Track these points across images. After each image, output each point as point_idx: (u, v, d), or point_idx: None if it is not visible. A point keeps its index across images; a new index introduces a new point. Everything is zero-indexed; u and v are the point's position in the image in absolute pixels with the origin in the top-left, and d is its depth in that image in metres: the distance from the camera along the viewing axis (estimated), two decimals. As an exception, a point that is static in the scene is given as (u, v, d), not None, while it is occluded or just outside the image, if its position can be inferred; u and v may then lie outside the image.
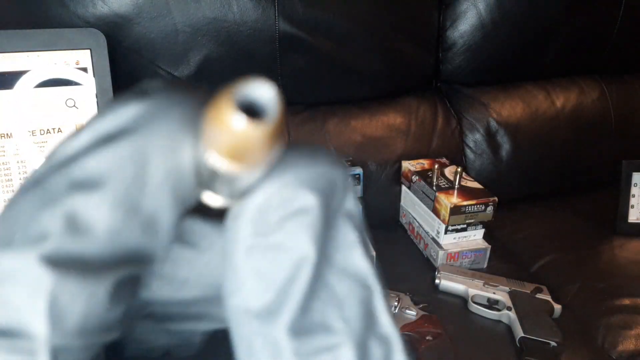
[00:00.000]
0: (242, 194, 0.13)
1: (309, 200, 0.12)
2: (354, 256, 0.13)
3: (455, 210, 0.87)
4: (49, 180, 0.12)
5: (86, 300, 0.12)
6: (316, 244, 0.12)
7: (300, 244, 0.12)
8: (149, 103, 0.13)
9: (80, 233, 0.12)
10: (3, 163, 0.78)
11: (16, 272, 0.11)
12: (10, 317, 0.11)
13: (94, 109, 0.81)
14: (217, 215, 0.14)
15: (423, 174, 0.97)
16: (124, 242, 0.12)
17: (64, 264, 0.11)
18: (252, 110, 0.12)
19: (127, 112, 0.12)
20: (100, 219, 0.12)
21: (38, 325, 0.11)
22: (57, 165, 0.12)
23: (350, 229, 0.13)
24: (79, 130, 0.13)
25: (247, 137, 0.11)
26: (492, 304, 0.82)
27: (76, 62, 0.79)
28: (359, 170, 0.95)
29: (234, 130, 0.11)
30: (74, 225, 0.12)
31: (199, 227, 0.15)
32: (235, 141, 0.12)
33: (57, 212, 0.12)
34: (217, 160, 0.12)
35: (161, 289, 0.15)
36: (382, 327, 0.13)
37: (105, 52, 0.79)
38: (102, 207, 0.12)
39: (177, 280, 0.15)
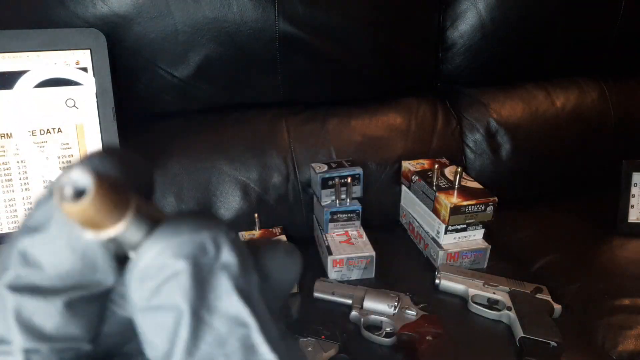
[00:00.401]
0: (134, 248, 0.16)
1: (178, 266, 0.15)
2: (232, 301, 0.16)
3: (455, 210, 0.87)
4: (12, 234, 0.17)
5: (44, 314, 0.15)
6: (188, 301, 0.15)
7: (175, 303, 0.15)
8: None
9: (30, 266, 0.16)
10: (3, 163, 0.78)
11: None
12: None
13: (94, 109, 0.81)
14: None
15: (423, 174, 0.97)
16: (65, 273, 0.16)
17: (21, 288, 0.15)
18: (78, 193, 0.15)
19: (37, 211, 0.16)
20: (43, 256, 0.16)
21: (11, 334, 0.15)
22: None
23: (225, 278, 0.16)
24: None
25: (80, 214, 0.14)
26: (492, 304, 0.82)
27: (76, 62, 0.79)
28: (359, 170, 0.95)
29: (68, 212, 0.14)
30: (25, 260, 0.16)
31: None
32: (77, 218, 0.15)
33: (14, 251, 0.16)
34: (86, 232, 0.15)
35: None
36: (261, 356, 0.16)
37: (105, 52, 0.79)
38: (44, 247, 0.16)
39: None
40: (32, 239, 0.16)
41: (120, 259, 0.16)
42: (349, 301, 0.80)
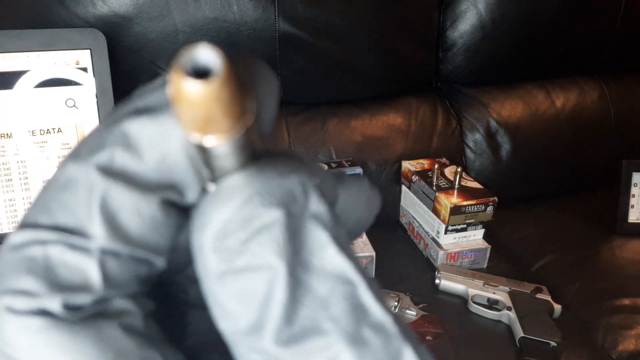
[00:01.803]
0: (222, 174, 0.13)
1: (270, 216, 0.13)
2: (329, 255, 0.13)
3: (455, 210, 0.87)
4: (116, 110, 0.14)
5: (134, 211, 0.13)
6: (283, 257, 0.13)
7: (268, 261, 0.12)
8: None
9: (132, 151, 0.13)
10: (3, 163, 0.78)
11: (76, 178, 0.13)
12: (70, 218, 0.13)
13: (94, 109, 0.81)
14: None
15: (423, 174, 0.97)
16: (166, 170, 0.13)
17: (114, 174, 0.13)
18: (200, 74, 0.12)
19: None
20: (148, 143, 0.13)
21: (93, 226, 0.13)
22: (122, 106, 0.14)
23: (320, 229, 0.14)
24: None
25: (199, 99, 0.12)
26: (492, 304, 0.82)
27: (76, 62, 0.79)
28: (359, 170, 0.95)
29: (185, 95, 0.12)
30: (126, 142, 0.13)
31: None
32: (191, 107, 0.12)
33: (115, 130, 0.13)
34: (191, 137, 0.13)
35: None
36: (373, 316, 0.13)
37: (105, 52, 0.79)
38: (152, 133, 0.13)
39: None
40: (141, 120, 0.13)
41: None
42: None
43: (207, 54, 0.12)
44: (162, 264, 0.14)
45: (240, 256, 0.13)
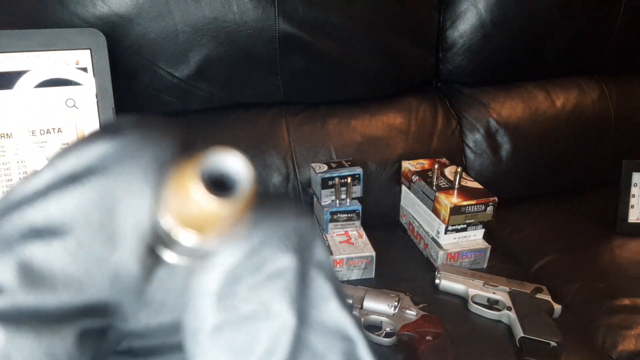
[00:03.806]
0: (203, 256, 0.12)
1: (285, 261, 0.11)
2: (331, 309, 0.12)
3: (455, 210, 0.87)
4: (2, 225, 0.11)
5: (45, 354, 0.10)
6: (295, 308, 0.11)
7: (278, 310, 0.11)
8: (119, 142, 0.11)
9: (37, 285, 0.10)
10: (3, 163, 0.78)
11: None
12: None
13: (94, 109, 0.81)
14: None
15: (423, 174, 0.97)
16: (87, 295, 0.11)
17: (17, 320, 0.10)
18: (219, 183, 0.11)
19: (95, 150, 0.11)
20: (60, 270, 0.10)
21: None
22: (13, 206, 0.11)
23: (323, 280, 0.12)
24: (41, 169, 0.11)
25: (212, 213, 0.10)
26: (492, 304, 0.82)
27: (76, 62, 0.79)
28: (359, 170, 0.95)
29: (200, 205, 0.10)
30: (29, 277, 0.10)
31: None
32: (198, 215, 0.10)
33: (11, 261, 0.10)
34: (173, 227, 0.11)
35: (139, 315, 0.13)
36: None
37: (105, 52, 0.79)
38: (63, 257, 0.10)
39: (155, 302, 0.13)
40: (46, 245, 0.10)
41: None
42: (349, 301, 0.80)
43: (235, 167, 0.11)
44: None
45: (247, 303, 0.11)
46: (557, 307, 0.81)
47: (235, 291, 0.11)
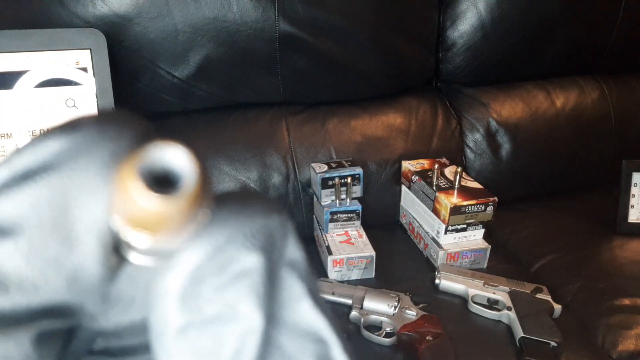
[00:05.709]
0: (167, 256, 0.11)
1: (252, 261, 0.11)
2: (303, 310, 0.12)
3: (455, 210, 0.87)
4: None
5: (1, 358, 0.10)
6: (262, 309, 0.11)
7: (244, 312, 0.11)
8: (75, 137, 0.11)
9: None
10: (3, 163, 0.78)
11: None
12: None
13: (94, 109, 0.81)
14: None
15: (423, 174, 0.97)
16: (43, 297, 0.10)
17: None
18: (162, 180, 0.10)
19: (51, 146, 0.11)
20: (13, 272, 0.10)
21: None
22: None
23: (295, 279, 0.12)
24: None
25: (156, 212, 0.10)
26: (492, 304, 0.82)
27: (76, 62, 0.79)
28: (359, 170, 0.95)
29: (140, 204, 0.10)
30: None
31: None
32: (142, 214, 0.10)
33: None
34: (122, 227, 0.10)
35: (108, 313, 0.13)
36: None
37: (105, 52, 0.79)
38: (16, 258, 0.10)
39: (123, 300, 0.12)
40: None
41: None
42: (349, 301, 0.80)
43: (177, 162, 0.10)
44: None
45: (212, 305, 0.11)
46: (557, 307, 0.81)
47: (199, 292, 0.11)
